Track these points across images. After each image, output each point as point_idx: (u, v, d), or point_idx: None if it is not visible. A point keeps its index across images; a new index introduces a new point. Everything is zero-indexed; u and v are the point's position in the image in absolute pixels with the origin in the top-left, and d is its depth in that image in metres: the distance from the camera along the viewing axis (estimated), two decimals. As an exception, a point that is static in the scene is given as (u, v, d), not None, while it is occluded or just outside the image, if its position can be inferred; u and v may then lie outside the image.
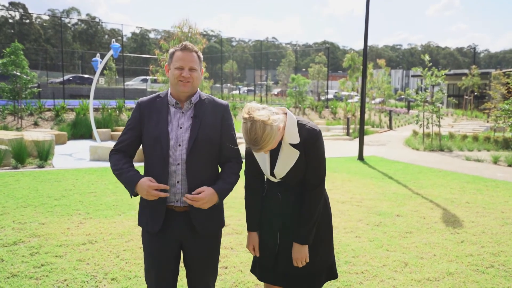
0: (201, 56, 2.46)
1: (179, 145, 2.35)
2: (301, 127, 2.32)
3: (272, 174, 2.41)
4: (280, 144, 2.34)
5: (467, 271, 4.15)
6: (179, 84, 2.36)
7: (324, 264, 2.52)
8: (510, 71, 13.26)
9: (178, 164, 2.35)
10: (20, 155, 9.41)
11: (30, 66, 17.01)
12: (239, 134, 2.68)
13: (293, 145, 2.31)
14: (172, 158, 2.34)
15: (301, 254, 2.40)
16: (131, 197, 2.39)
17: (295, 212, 2.41)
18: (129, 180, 2.32)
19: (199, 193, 2.30)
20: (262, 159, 2.41)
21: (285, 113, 2.33)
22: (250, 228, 2.56)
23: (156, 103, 2.44)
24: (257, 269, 2.61)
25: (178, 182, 2.37)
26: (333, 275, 2.61)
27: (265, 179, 2.57)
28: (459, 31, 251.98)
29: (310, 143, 2.31)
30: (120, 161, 2.40)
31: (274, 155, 2.38)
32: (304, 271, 2.46)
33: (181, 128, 2.37)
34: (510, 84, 12.81)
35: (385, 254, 4.57)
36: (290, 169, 2.34)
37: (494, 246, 4.85)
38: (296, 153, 2.31)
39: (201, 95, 2.46)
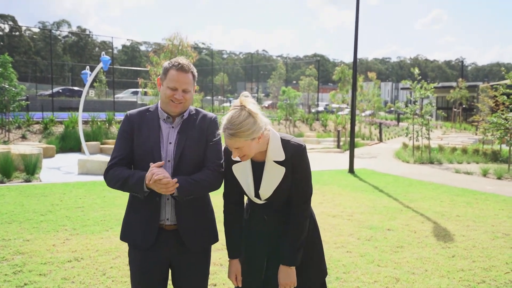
0: (196, 75, 2.40)
1: (168, 160, 2.31)
2: (285, 143, 2.25)
3: (257, 195, 2.32)
4: (263, 163, 2.27)
5: (458, 287, 4.11)
6: (170, 104, 2.31)
7: (315, 283, 2.42)
8: (498, 84, 13.41)
9: None
10: (6, 169, 9.25)
11: (20, 78, 16.92)
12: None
13: (278, 162, 2.23)
14: None
15: (289, 278, 2.28)
16: (143, 197, 2.24)
17: (283, 235, 2.32)
18: (137, 181, 2.20)
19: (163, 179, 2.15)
20: (245, 179, 2.31)
21: (268, 130, 2.26)
22: (231, 255, 2.43)
23: (146, 117, 2.38)
24: None
25: (168, 198, 2.32)
26: None
27: (247, 203, 2.47)
28: (447, 44, 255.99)
29: (297, 160, 2.24)
30: (116, 172, 2.29)
31: (257, 175, 2.29)
32: None
33: (170, 143, 2.33)
34: (497, 97, 12.94)
35: (376, 270, 4.51)
36: (276, 188, 2.25)
37: (485, 261, 4.83)
38: (281, 171, 2.23)
39: (190, 110, 2.42)
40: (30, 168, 9.64)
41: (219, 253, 4.82)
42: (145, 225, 2.32)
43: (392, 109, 49.93)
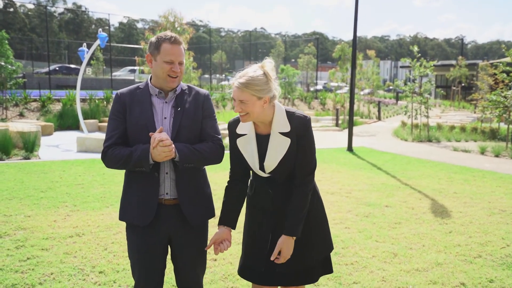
0: (185, 47, 2.41)
1: None
2: (290, 115, 2.28)
3: (261, 168, 2.32)
4: (268, 136, 2.29)
5: (455, 261, 4.18)
6: (167, 80, 2.30)
7: (319, 256, 2.43)
8: (498, 62, 13.33)
9: None
10: (5, 146, 9.24)
11: (15, 56, 16.71)
12: (223, 126, 2.67)
13: (283, 134, 2.26)
14: None
15: (289, 250, 2.27)
16: (149, 169, 2.22)
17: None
18: (141, 153, 2.19)
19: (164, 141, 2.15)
20: (250, 152, 2.33)
21: (274, 102, 2.31)
22: (219, 222, 2.44)
23: (136, 94, 2.37)
24: (247, 271, 2.47)
25: (166, 173, 2.32)
26: (329, 269, 2.51)
27: (251, 178, 2.47)
28: (447, 22, 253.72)
29: (302, 131, 2.26)
30: (116, 151, 2.26)
31: (262, 147, 2.31)
32: (300, 266, 2.37)
33: (165, 118, 2.33)
34: (497, 75, 12.88)
35: (374, 245, 4.58)
36: (281, 160, 2.26)
37: (482, 236, 4.89)
38: (287, 142, 2.25)
39: (182, 85, 2.42)
40: (29, 145, 9.64)
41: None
42: (144, 201, 2.31)
43: (391, 87, 49.75)
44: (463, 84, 37.77)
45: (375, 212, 5.76)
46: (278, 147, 2.26)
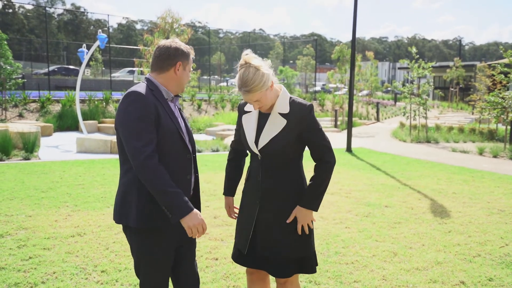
0: None
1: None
2: (292, 100, 2.44)
3: (256, 142, 2.45)
4: (269, 114, 2.46)
5: (455, 260, 4.21)
6: (184, 85, 2.43)
7: (294, 255, 2.47)
8: (496, 63, 13.39)
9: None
10: (5, 147, 9.25)
11: (14, 57, 16.71)
12: (222, 127, 2.75)
13: (281, 115, 2.41)
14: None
15: (306, 218, 2.44)
16: (172, 221, 2.16)
17: (273, 198, 2.46)
18: (183, 205, 2.13)
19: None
20: (251, 126, 2.49)
21: (280, 87, 2.48)
22: (224, 193, 2.78)
23: (158, 98, 2.26)
24: (237, 254, 2.63)
25: (193, 175, 2.46)
26: (306, 269, 2.53)
27: (249, 164, 2.62)
28: (445, 24, 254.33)
29: (302, 114, 2.40)
30: (162, 171, 2.13)
31: (262, 123, 2.47)
32: (276, 257, 2.45)
33: (180, 120, 2.43)
34: (495, 76, 12.93)
35: (374, 245, 4.60)
36: (273, 138, 2.39)
37: (481, 236, 4.93)
38: (283, 122, 2.40)
39: None
40: (29, 146, 9.64)
41: (219, 228, 4.89)
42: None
43: (389, 89, 49.84)
44: (460, 86, 37.89)
45: (375, 212, 5.79)
46: (274, 125, 2.42)
